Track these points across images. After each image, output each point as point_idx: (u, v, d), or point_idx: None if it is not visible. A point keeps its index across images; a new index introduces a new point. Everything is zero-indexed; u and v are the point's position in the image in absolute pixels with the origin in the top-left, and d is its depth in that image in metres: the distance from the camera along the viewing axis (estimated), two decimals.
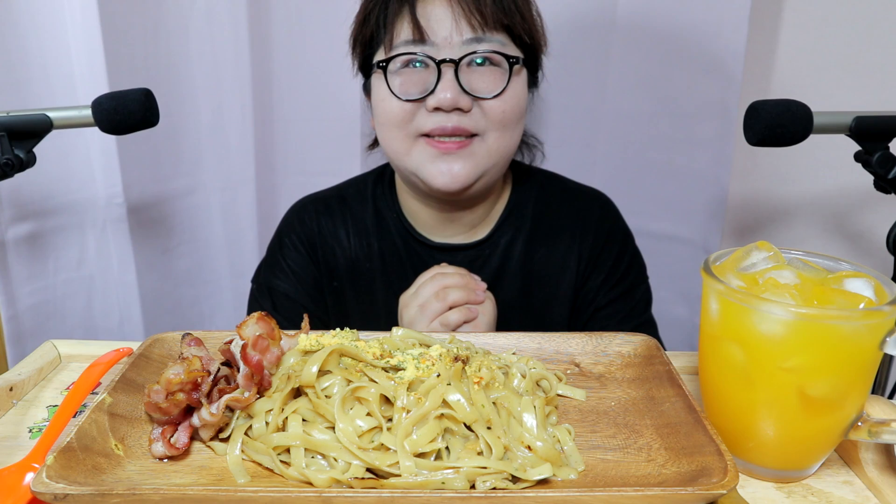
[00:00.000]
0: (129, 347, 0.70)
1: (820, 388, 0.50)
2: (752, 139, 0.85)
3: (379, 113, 0.90)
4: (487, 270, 0.98)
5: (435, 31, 0.85)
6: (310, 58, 1.25)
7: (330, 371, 0.56)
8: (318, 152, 1.31)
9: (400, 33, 0.86)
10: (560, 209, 1.01)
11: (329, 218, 1.02)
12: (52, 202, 1.15)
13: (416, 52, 0.85)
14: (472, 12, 0.84)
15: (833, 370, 0.50)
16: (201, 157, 1.28)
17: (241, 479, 0.52)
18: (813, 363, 0.50)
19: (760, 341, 0.50)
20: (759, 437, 0.53)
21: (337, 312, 1.02)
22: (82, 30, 1.07)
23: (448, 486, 0.49)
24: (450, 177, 0.87)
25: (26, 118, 0.85)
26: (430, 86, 0.85)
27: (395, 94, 0.86)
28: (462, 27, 0.85)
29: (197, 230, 1.32)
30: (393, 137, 0.89)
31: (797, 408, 0.51)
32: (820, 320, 0.48)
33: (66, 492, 0.46)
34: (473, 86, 0.85)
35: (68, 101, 1.09)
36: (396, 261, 1.00)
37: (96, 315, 1.25)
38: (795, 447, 0.54)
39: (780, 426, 0.52)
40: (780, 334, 0.49)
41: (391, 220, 1.01)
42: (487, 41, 0.85)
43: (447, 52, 0.85)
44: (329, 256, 1.01)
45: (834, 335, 0.49)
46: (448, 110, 0.85)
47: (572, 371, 0.68)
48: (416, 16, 0.85)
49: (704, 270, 0.54)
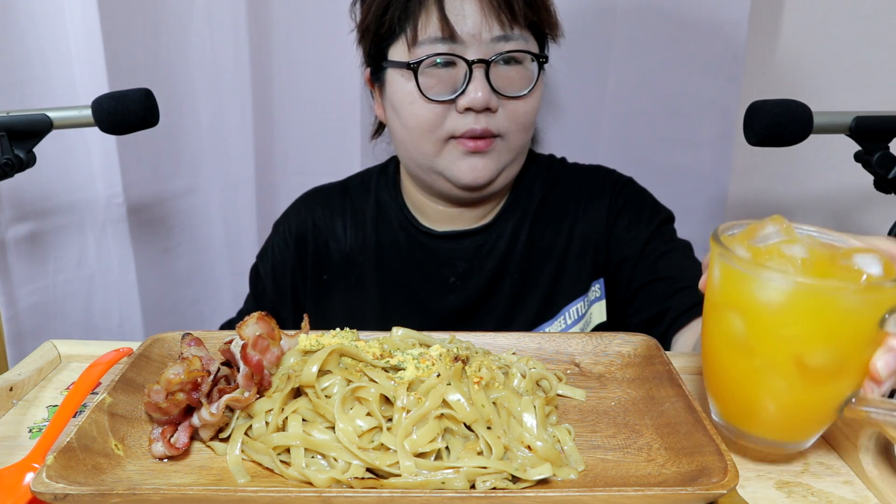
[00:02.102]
0: (129, 347, 0.70)
1: (816, 358, 0.50)
2: (752, 139, 0.85)
3: (407, 116, 0.88)
4: (495, 254, 0.98)
5: (463, 28, 0.83)
6: (310, 58, 1.25)
7: (330, 371, 0.56)
8: (318, 152, 1.31)
9: (426, 28, 0.84)
10: (565, 186, 1.01)
11: (327, 210, 1.02)
12: (52, 202, 1.15)
13: (445, 51, 0.84)
14: (501, 7, 0.83)
15: (830, 341, 0.50)
16: (201, 157, 1.28)
17: (241, 479, 0.52)
18: (810, 333, 0.50)
19: (760, 309, 0.50)
20: (756, 406, 0.54)
21: (321, 305, 1.02)
22: (82, 30, 1.07)
23: (448, 486, 0.49)
24: (476, 173, 0.88)
25: (26, 118, 0.85)
26: (458, 85, 0.84)
27: (425, 95, 0.85)
28: (491, 23, 0.83)
29: (197, 230, 1.32)
30: (423, 141, 0.88)
31: (794, 377, 0.51)
32: (819, 291, 0.48)
33: (66, 492, 0.46)
34: (501, 84, 0.85)
35: (68, 101, 1.09)
36: (393, 254, 1.00)
37: (96, 315, 1.25)
38: (791, 417, 0.54)
39: (776, 395, 0.53)
40: (779, 303, 0.50)
41: (393, 211, 1.01)
42: (514, 39, 0.85)
43: (475, 49, 0.84)
44: (321, 249, 1.02)
45: (832, 307, 0.48)
46: (479, 110, 0.84)
47: (572, 371, 0.68)
48: (444, 11, 0.83)
49: (713, 237, 0.54)
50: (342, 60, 1.25)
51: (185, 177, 1.28)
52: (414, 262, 1.00)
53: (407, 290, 1.00)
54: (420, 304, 1.00)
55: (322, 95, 1.27)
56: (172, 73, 1.19)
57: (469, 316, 0.99)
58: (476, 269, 0.98)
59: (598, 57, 1.03)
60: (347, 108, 1.27)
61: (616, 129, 1.28)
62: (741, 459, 0.57)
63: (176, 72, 1.20)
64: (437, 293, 0.99)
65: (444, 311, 0.99)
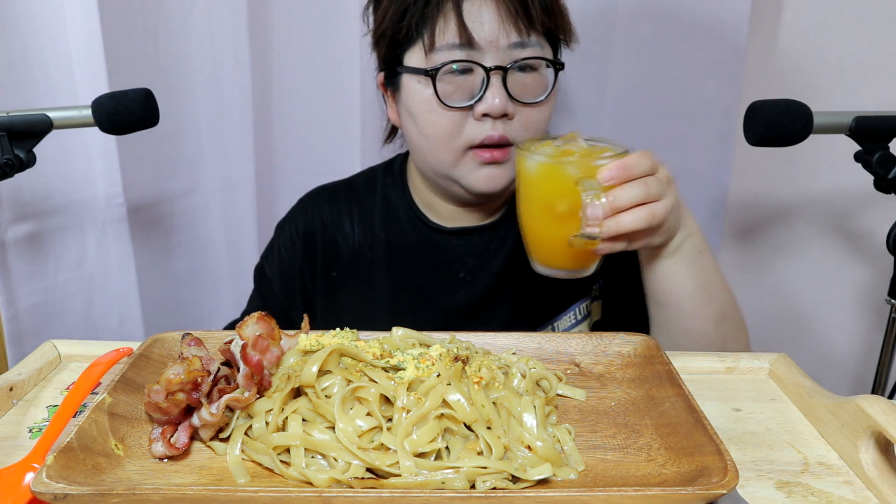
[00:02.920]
0: (129, 347, 0.70)
1: (556, 208, 0.74)
2: (752, 139, 0.85)
3: (425, 124, 0.88)
4: (504, 250, 0.99)
5: (480, 34, 0.83)
6: (310, 58, 1.25)
7: (330, 371, 0.56)
8: (318, 152, 1.31)
9: (444, 34, 0.84)
10: None
11: (334, 207, 1.03)
12: (52, 202, 1.15)
13: (462, 57, 0.84)
14: (518, 14, 0.83)
15: (561, 197, 0.73)
16: (201, 157, 1.28)
17: (241, 479, 0.52)
18: (550, 191, 0.75)
19: (529, 177, 0.76)
20: (539, 246, 0.79)
21: (330, 304, 1.02)
22: (82, 30, 1.07)
23: (448, 485, 0.49)
24: (493, 182, 0.89)
25: (26, 118, 0.85)
26: (475, 91, 0.85)
27: (443, 102, 0.85)
28: (508, 30, 0.83)
29: (197, 230, 1.32)
30: (441, 150, 0.89)
31: (548, 221, 0.76)
32: (548, 164, 0.74)
33: (66, 492, 0.46)
34: (517, 91, 0.85)
35: (68, 101, 1.09)
36: (404, 251, 1.01)
37: (96, 315, 1.25)
38: (556, 250, 0.77)
39: (544, 235, 0.78)
40: (535, 172, 0.76)
41: (402, 209, 1.01)
42: (531, 46, 0.85)
43: (492, 55, 0.84)
44: (329, 247, 1.02)
45: (556, 174, 0.74)
46: (496, 117, 0.85)
47: (572, 371, 0.68)
48: (462, 17, 0.83)
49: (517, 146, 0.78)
50: (342, 61, 1.25)
51: (185, 177, 1.28)
52: (424, 258, 1.00)
53: (417, 285, 1.01)
54: (430, 299, 1.01)
55: (322, 95, 1.27)
56: (172, 73, 1.19)
57: (479, 311, 1.00)
58: (486, 265, 0.99)
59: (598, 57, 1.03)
60: (347, 108, 1.27)
61: (616, 129, 1.28)
62: (741, 459, 0.57)
63: (176, 72, 1.20)
64: (446, 289, 1.00)
65: (454, 306, 1.00)
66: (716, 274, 0.84)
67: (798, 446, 0.60)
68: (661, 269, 0.81)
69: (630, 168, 0.71)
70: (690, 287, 0.81)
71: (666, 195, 0.73)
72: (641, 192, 0.71)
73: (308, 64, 1.25)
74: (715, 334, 0.83)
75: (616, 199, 0.70)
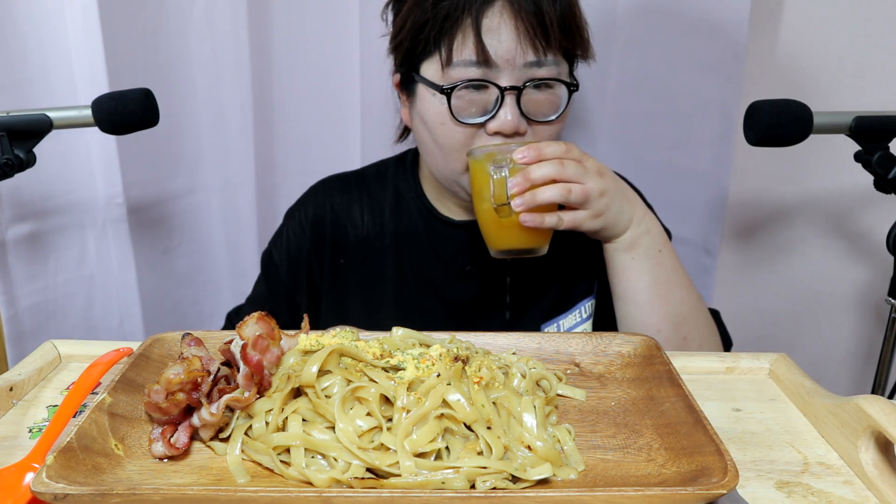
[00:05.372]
0: (129, 347, 0.70)
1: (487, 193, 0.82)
2: (752, 139, 0.85)
3: (439, 135, 0.89)
4: None
5: (497, 52, 0.84)
6: (310, 58, 1.25)
7: (330, 371, 0.56)
8: (318, 153, 1.31)
9: (462, 51, 0.84)
10: None
11: (345, 196, 1.04)
12: (52, 202, 1.15)
13: (478, 76, 0.85)
14: (536, 34, 0.83)
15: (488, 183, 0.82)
16: (201, 157, 1.28)
17: (241, 479, 0.52)
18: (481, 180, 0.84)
19: (474, 174, 0.85)
20: (486, 230, 0.87)
21: (336, 290, 1.03)
22: (82, 30, 1.07)
23: (448, 486, 0.49)
24: None
25: (26, 118, 0.84)
26: (489, 108, 0.86)
27: (457, 118, 0.86)
28: (525, 49, 0.84)
29: (197, 230, 1.32)
30: (452, 159, 0.90)
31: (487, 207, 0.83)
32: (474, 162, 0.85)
33: (66, 492, 0.46)
34: (530, 109, 0.86)
35: (68, 101, 1.08)
36: (412, 241, 1.02)
37: (96, 315, 1.25)
38: (501, 231, 0.85)
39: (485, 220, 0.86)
40: (474, 169, 0.85)
41: (412, 201, 1.03)
42: (547, 65, 0.85)
43: (508, 74, 0.84)
44: (338, 234, 1.03)
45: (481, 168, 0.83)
46: (508, 134, 0.86)
47: (572, 371, 0.68)
48: (481, 34, 0.83)
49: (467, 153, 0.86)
50: (342, 61, 1.25)
51: (185, 177, 1.28)
52: (431, 248, 1.02)
53: (424, 276, 1.02)
54: (436, 290, 1.02)
55: (322, 95, 1.27)
56: (172, 73, 1.19)
57: (482, 305, 1.01)
58: (491, 259, 0.99)
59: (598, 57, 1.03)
60: (347, 108, 1.27)
61: (616, 129, 1.28)
62: (741, 459, 0.57)
63: (176, 72, 1.20)
64: (453, 280, 1.01)
65: (460, 298, 1.01)
66: (676, 274, 0.88)
67: (798, 446, 0.60)
68: (618, 262, 0.87)
69: (542, 149, 0.80)
70: (646, 283, 0.86)
71: (588, 180, 0.80)
72: (555, 170, 0.79)
73: (308, 64, 1.25)
74: (674, 334, 0.86)
75: (530, 172, 0.79)
